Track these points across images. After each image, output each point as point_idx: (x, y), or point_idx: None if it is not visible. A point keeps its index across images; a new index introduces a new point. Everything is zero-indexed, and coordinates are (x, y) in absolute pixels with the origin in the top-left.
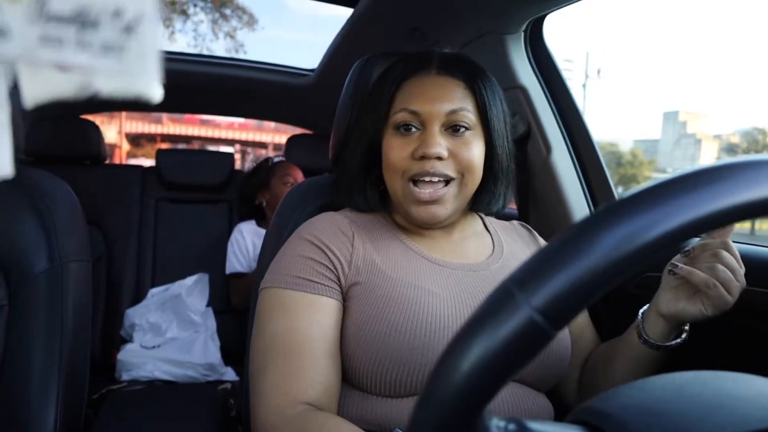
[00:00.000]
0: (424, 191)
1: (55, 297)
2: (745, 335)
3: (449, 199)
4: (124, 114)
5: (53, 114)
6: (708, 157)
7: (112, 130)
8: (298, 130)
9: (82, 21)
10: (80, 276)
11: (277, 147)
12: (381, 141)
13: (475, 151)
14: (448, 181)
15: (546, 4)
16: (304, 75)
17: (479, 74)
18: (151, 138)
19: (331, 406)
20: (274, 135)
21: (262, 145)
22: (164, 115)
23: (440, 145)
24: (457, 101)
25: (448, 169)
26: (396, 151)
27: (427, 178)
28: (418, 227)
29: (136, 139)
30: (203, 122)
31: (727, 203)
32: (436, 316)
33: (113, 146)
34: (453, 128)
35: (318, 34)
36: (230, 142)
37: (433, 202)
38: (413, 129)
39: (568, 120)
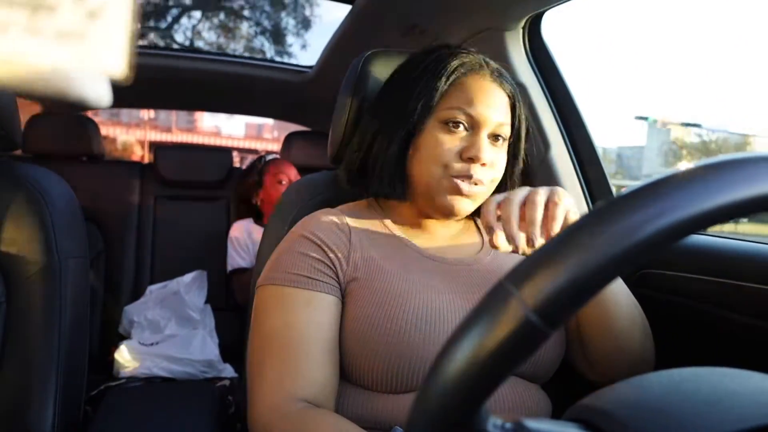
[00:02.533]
0: (464, 185)
1: (53, 294)
2: (742, 331)
3: (478, 198)
4: (148, 124)
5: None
6: (688, 162)
7: (130, 138)
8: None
9: (36, 4)
10: (78, 273)
11: (269, 154)
12: (419, 129)
13: (503, 163)
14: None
15: (545, 1)
16: (302, 72)
17: (518, 93)
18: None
19: (328, 403)
20: (268, 144)
21: (257, 153)
22: (174, 126)
23: (489, 151)
24: (504, 114)
25: (484, 175)
26: (444, 145)
27: (466, 179)
28: (423, 220)
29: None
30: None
31: (725, 199)
32: (436, 310)
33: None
34: (494, 137)
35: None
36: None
37: (468, 196)
38: (462, 127)
39: (566, 117)
